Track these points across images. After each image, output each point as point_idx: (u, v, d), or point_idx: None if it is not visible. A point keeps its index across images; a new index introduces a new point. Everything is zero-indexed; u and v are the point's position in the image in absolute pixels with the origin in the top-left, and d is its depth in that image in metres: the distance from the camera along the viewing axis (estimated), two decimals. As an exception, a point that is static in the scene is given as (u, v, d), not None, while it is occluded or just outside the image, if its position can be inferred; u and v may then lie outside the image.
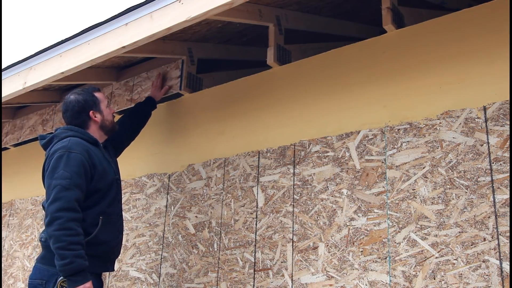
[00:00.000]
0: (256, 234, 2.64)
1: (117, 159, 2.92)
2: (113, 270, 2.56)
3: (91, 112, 2.58)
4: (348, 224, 2.32)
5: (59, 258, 2.17)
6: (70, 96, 2.61)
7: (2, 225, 4.23)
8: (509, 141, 1.99)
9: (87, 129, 2.57)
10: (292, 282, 2.42)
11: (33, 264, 3.72)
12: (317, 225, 2.42)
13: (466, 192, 2.04)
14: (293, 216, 2.52)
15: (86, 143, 2.46)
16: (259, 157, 2.77)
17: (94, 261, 2.37)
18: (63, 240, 2.17)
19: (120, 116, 3.14)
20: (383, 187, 2.27)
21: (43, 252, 2.41)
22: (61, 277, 2.23)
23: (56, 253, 2.18)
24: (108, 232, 2.44)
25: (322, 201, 2.44)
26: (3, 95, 3.31)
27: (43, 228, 3.81)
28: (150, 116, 3.14)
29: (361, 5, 3.26)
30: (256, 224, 2.66)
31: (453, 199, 2.07)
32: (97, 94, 2.64)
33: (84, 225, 2.33)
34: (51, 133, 2.57)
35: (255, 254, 2.61)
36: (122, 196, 3.34)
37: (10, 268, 3.96)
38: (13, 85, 3.24)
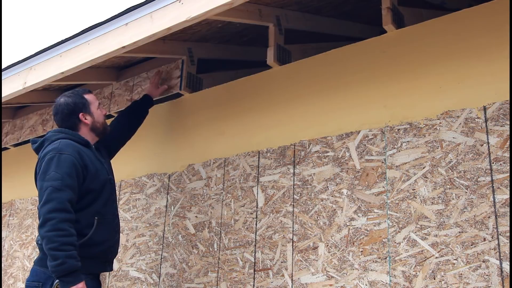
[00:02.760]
0: (256, 234, 2.64)
1: (117, 158, 2.92)
2: (111, 270, 2.56)
3: (81, 115, 2.57)
4: (348, 224, 2.32)
5: (51, 259, 2.17)
6: (60, 99, 2.61)
7: (2, 225, 4.23)
8: (509, 141, 1.99)
9: (78, 132, 2.57)
10: (292, 282, 2.42)
11: (33, 262, 3.73)
12: (317, 225, 2.42)
13: (466, 192, 2.04)
14: (293, 216, 2.52)
15: (77, 145, 2.45)
16: (259, 157, 2.77)
17: (92, 262, 2.37)
18: (55, 241, 2.17)
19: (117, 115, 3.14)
20: (383, 187, 2.27)
21: (40, 255, 2.41)
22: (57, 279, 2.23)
23: (48, 254, 2.18)
24: (104, 232, 2.44)
25: (322, 201, 2.44)
26: (3, 95, 3.30)
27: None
28: (147, 114, 3.13)
29: (361, 5, 3.26)
30: (256, 224, 2.66)
31: (453, 199, 2.07)
32: (87, 96, 2.63)
33: (79, 227, 2.32)
34: (43, 136, 2.58)
35: (255, 254, 2.61)
36: (122, 196, 3.35)
37: (10, 268, 3.96)
38: (13, 85, 3.24)
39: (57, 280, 2.22)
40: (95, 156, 2.54)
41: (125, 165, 3.35)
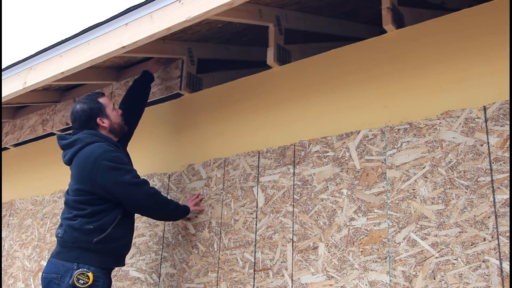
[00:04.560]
0: (256, 234, 2.64)
1: None
2: (123, 265, 2.69)
3: (98, 119, 2.67)
4: (348, 224, 2.32)
5: (173, 215, 2.77)
6: (76, 106, 2.69)
7: (2, 225, 4.23)
8: (509, 141, 1.99)
9: None
10: (292, 282, 2.42)
11: (33, 264, 3.73)
12: (317, 225, 2.42)
13: (466, 192, 2.04)
14: (293, 216, 2.52)
15: (112, 148, 2.60)
16: (259, 157, 2.77)
17: (108, 257, 2.52)
18: (171, 203, 2.71)
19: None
20: (383, 187, 2.27)
21: (58, 248, 2.54)
22: (77, 270, 2.39)
23: (171, 214, 2.75)
24: (123, 229, 2.58)
25: (322, 201, 2.44)
26: (3, 95, 3.30)
27: (44, 227, 3.82)
28: (150, 90, 3.21)
29: (361, 5, 3.26)
30: (256, 224, 2.66)
31: (453, 199, 2.07)
32: (101, 100, 2.71)
33: (101, 223, 2.49)
34: (67, 129, 2.74)
35: (255, 254, 2.60)
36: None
37: (10, 268, 3.96)
38: (13, 85, 3.24)
39: (76, 271, 2.39)
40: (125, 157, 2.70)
41: (125, 165, 3.34)
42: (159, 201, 2.62)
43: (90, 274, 2.39)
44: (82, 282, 2.37)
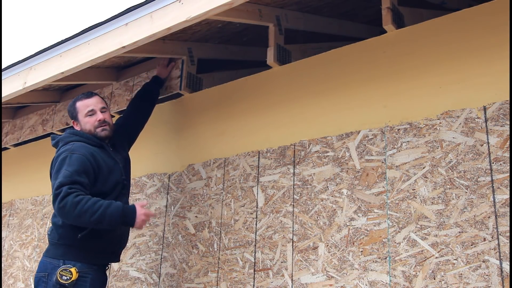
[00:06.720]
0: (256, 234, 2.64)
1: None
2: (118, 261, 2.66)
3: (73, 122, 2.77)
4: (348, 224, 2.32)
5: (101, 222, 2.31)
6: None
7: (2, 225, 4.23)
8: (509, 141, 1.99)
9: None
10: (292, 282, 2.42)
11: (33, 264, 3.73)
12: (317, 225, 2.42)
13: (466, 192, 2.04)
14: (293, 216, 2.52)
15: (90, 147, 2.57)
16: (259, 157, 2.77)
17: (95, 253, 2.49)
18: (86, 211, 2.29)
19: (119, 116, 3.17)
20: (383, 187, 2.27)
21: (48, 246, 2.54)
22: (61, 266, 2.37)
23: (95, 224, 2.32)
24: None
25: (322, 201, 2.44)
26: (3, 95, 3.30)
27: (44, 227, 3.82)
28: (158, 95, 3.21)
29: (361, 5, 3.26)
30: (256, 224, 2.66)
31: (453, 199, 2.07)
32: (78, 104, 2.74)
33: None
34: (67, 129, 2.85)
35: (255, 254, 2.61)
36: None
37: (10, 268, 3.96)
38: (13, 85, 3.24)
39: (60, 268, 2.36)
40: (109, 156, 2.64)
41: (125, 165, 3.34)
42: (70, 215, 2.30)
43: (73, 270, 2.36)
44: (65, 278, 2.35)
